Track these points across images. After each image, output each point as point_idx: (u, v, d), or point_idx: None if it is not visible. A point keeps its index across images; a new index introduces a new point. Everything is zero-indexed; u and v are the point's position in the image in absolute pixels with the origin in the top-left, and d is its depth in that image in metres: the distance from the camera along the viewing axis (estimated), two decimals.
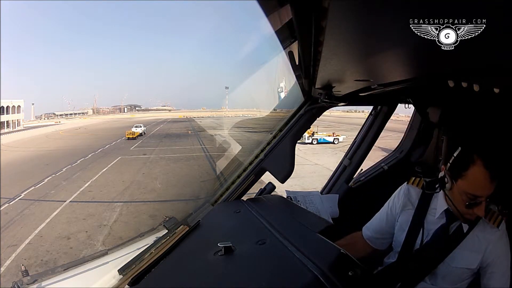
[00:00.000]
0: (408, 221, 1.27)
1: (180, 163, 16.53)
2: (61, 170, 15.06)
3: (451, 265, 1.19)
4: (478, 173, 1.03)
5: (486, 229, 1.18)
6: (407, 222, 1.27)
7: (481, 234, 1.17)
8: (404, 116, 12.00)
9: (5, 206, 10.01)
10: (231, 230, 1.13)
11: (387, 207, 1.38)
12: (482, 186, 1.05)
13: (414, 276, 1.23)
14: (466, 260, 1.18)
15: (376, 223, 1.40)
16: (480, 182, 1.04)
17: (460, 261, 1.18)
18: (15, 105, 49.69)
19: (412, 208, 1.29)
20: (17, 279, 1.01)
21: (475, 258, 1.18)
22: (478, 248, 1.18)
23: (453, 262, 1.19)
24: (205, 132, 33.07)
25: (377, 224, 1.39)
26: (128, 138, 28.09)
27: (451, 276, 1.20)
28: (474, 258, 1.18)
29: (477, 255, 1.18)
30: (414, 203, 1.29)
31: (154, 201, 10.17)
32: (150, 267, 0.96)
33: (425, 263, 1.21)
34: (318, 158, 16.37)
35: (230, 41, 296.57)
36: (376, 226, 1.39)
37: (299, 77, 1.33)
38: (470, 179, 1.06)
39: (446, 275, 1.20)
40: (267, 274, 0.77)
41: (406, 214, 1.30)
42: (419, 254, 1.22)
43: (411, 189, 1.32)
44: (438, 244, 1.20)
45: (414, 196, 1.30)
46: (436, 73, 0.85)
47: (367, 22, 0.53)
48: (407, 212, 1.30)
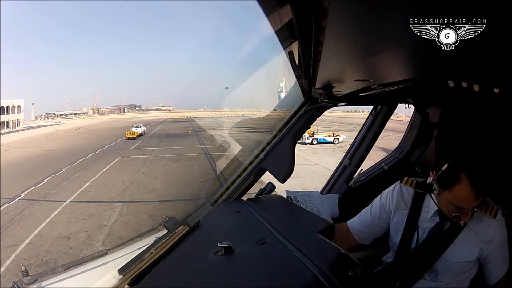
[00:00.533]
0: (402, 222, 1.29)
1: (180, 163, 16.53)
2: (61, 170, 15.05)
3: (450, 261, 1.20)
4: (463, 190, 1.05)
5: (482, 221, 1.19)
6: (402, 222, 1.29)
7: (477, 226, 1.19)
8: (404, 116, 12.01)
9: (5, 206, 10.01)
10: (231, 230, 1.13)
11: (378, 202, 1.39)
12: (468, 201, 1.08)
13: (413, 274, 1.24)
14: (463, 254, 1.20)
15: (365, 218, 1.41)
16: (465, 198, 1.07)
17: (458, 256, 1.20)
18: (15, 105, 49.69)
19: (406, 208, 1.30)
20: (17, 279, 1.01)
21: (473, 250, 1.20)
22: (475, 241, 1.19)
23: (451, 258, 1.20)
24: (205, 132, 33.07)
25: (366, 219, 1.40)
26: (128, 138, 28.08)
27: (451, 272, 1.21)
28: (472, 251, 1.20)
29: (475, 248, 1.19)
30: (407, 203, 1.31)
31: (154, 201, 10.17)
32: (150, 267, 0.96)
33: (423, 260, 1.22)
34: (318, 158, 16.36)
35: (230, 41, 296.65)
36: (365, 220, 1.40)
37: (299, 77, 1.33)
38: (455, 194, 1.08)
39: (445, 271, 1.21)
40: (267, 274, 0.77)
41: (400, 214, 1.32)
42: (416, 252, 1.23)
43: (404, 188, 1.33)
44: (434, 242, 1.21)
45: (407, 196, 1.32)
46: (436, 73, 0.85)
47: (367, 22, 0.53)
48: (401, 212, 1.31)
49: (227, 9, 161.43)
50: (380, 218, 1.37)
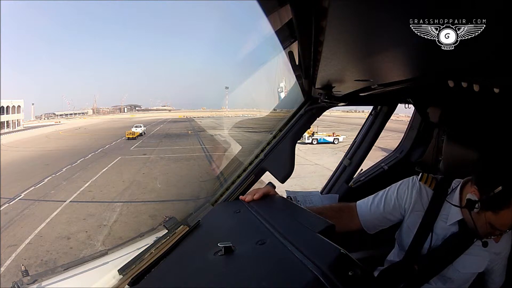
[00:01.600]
0: (416, 224, 1.24)
1: (180, 163, 16.54)
2: (61, 170, 15.06)
3: (460, 271, 1.19)
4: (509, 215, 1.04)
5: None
6: (416, 224, 1.24)
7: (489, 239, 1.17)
8: (404, 116, 12.00)
9: (5, 206, 10.01)
10: (231, 230, 1.13)
11: (394, 195, 1.31)
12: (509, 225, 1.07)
13: (420, 278, 1.23)
14: (474, 265, 1.20)
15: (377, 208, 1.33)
16: (508, 222, 1.06)
17: (468, 267, 1.19)
18: (15, 105, 49.69)
19: (422, 210, 1.25)
20: (17, 279, 1.01)
21: (483, 262, 1.20)
22: (486, 252, 1.19)
23: (461, 268, 1.19)
24: (205, 132, 33.08)
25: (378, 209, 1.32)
26: (128, 138, 28.09)
27: (458, 281, 1.21)
28: (482, 262, 1.20)
29: (485, 259, 1.20)
30: (424, 205, 1.25)
31: (154, 201, 10.18)
32: (150, 267, 0.96)
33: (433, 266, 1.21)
34: (318, 158, 16.37)
35: (230, 41, 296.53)
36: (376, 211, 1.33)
37: (299, 77, 1.33)
38: (501, 217, 1.06)
39: (455, 280, 1.21)
40: (267, 274, 0.77)
41: (415, 216, 1.26)
42: (427, 257, 1.21)
43: (423, 188, 1.26)
44: (448, 251, 1.19)
45: (425, 197, 1.26)
46: (436, 73, 0.85)
47: (367, 22, 0.53)
48: (416, 214, 1.26)
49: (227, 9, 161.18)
50: (392, 212, 1.31)
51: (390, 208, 1.31)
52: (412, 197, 1.27)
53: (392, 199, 1.31)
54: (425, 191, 1.26)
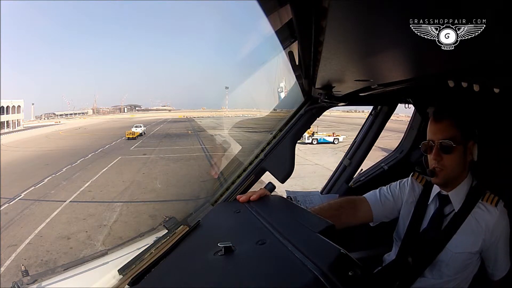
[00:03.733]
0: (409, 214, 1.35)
1: (180, 163, 16.53)
2: (61, 170, 15.06)
3: (454, 251, 1.21)
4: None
5: (484, 210, 1.21)
6: (408, 213, 1.35)
7: (479, 216, 1.21)
8: (404, 116, 12.00)
9: (5, 206, 10.01)
10: (231, 230, 1.13)
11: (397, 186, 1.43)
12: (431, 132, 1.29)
13: (414, 270, 1.24)
14: (467, 244, 1.21)
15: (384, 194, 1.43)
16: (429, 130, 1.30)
17: (462, 246, 1.21)
18: (15, 105, 49.72)
19: (414, 201, 1.37)
20: (17, 279, 1.01)
21: (476, 240, 1.21)
22: (478, 230, 1.21)
23: (455, 248, 1.21)
24: (205, 132, 33.08)
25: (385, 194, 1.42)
26: (128, 138, 28.09)
27: (454, 263, 1.21)
28: (475, 241, 1.21)
29: (478, 237, 1.20)
30: (416, 198, 1.37)
31: (154, 201, 10.17)
32: (150, 267, 0.96)
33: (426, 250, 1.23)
34: (318, 158, 16.37)
35: (230, 41, 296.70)
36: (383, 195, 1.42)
37: (299, 77, 1.34)
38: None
39: (449, 262, 1.21)
40: (267, 274, 0.77)
41: (408, 206, 1.37)
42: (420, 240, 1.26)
43: (415, 183, 1.40)
44: (437, 227, 1.25)
45: (417, 190, 1.39)
46: (436, 73, 0.85)
47: (367, 22, 0.53)
48: (409, 205, 1.37)
49: (227, 9, 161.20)
50: (396, 201, 1.41)
51: (396, 194, 1.42)
52: (407, 190, 1.41)
53: (396, 189, 1.43)
54: (417, 186, 1.40)
